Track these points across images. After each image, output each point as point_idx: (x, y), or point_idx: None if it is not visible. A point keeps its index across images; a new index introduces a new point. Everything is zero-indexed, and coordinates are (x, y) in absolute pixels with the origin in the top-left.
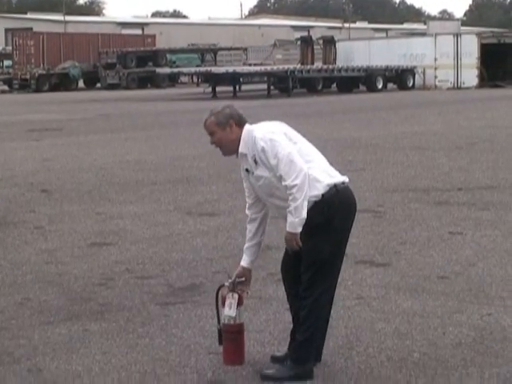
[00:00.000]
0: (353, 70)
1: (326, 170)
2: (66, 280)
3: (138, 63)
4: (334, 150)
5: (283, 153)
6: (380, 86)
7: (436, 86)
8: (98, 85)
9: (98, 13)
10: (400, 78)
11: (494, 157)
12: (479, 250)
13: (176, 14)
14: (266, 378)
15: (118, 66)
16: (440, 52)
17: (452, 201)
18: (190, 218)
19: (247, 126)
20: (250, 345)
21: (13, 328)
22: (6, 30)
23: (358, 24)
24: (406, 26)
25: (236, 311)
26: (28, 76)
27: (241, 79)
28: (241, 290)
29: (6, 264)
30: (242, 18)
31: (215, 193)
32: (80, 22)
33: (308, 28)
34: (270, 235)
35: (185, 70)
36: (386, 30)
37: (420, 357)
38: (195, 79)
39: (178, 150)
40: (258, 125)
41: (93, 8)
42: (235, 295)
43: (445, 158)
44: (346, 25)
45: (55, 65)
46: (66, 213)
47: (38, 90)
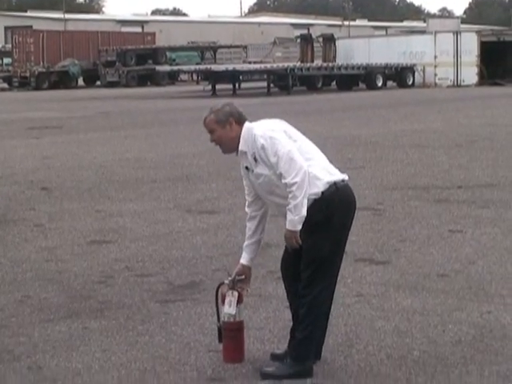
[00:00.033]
0: (352, 67)
1: (325, 167)
2: (66, 278)
3: (138, 61)
4: (333, 148)
5: (283, 150)
6: (380, 83)
7: (436, 84)
8: (98, 83)
9: (98, 11)
10: (400, 75)
11: (493, 155)
12: (479, 247)
13: (176, 12)
14: (265, 376)
15: (117, 63)
16: (440, 50)
17: (452, 199)
18: (189, 216)
19: (247, 124)
20: (250, 342)
21: (13, 326)
22: (6, 28)
23: (358, 22)
24: (405, 23)
25: (236, 309)
26: (28, 74)
27: (240, 77)
28: (240, 287)
29: (6, 262)
30: (241, 16)
31: (215, 191)
32: (80, 20)
33: (308, 26)
34: (269, 233)
35: (184, 67)
36: (385, 28)
37: (420, 355)
38: (195, 77)
39: (178, 148)
40: (258, 123)
41: (92, 6)
42: (235, 293)
43: (444, 155)
44: (346, 23)
45: (55, 63)
46: (66, 211)
47: (38, 87)
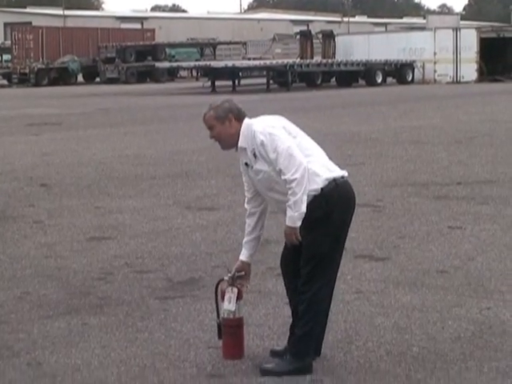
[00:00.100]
0: (352, 64)
1: (325, 164)
2: (66, 274)
3: (137, 57)
4: (333, 145)
5: (282, 147)
6: (379, 80)
7: (435, 80)
8: (97, 79)
9: (97, 7)
10: (399, 72)
11: (493, 151)
12: (478, 244)
13: (175, 8)
14: (265, 372)
15: (117, 60)
16: (439, 46)
17: (451, 195)
18: (189, 213)
19: (246, 120)
20: (250, 339)
21: (12, 322)
22: (5, 24)
23: (358, 18)
24: (405, 20)
25: (235, 305)
26: (27, 70)
27: (240, 73)
28: (240, 284)
29: (6, 258)
30: (241, 12)
31: (214, 187)
32: (79, 17)
33: (307, 22)
34: (269, 229)
35: (184, 64)
36: (385, 25)
37: (419, 351)
38: (194, 73)
39: (178, 145)
40: (258, 119)
41: (92, 2)
42: (234, 289)
43: (444, 152)
44: (346, 19)
45: (54, 59)
46: (66, 207)
47: (37, 84)
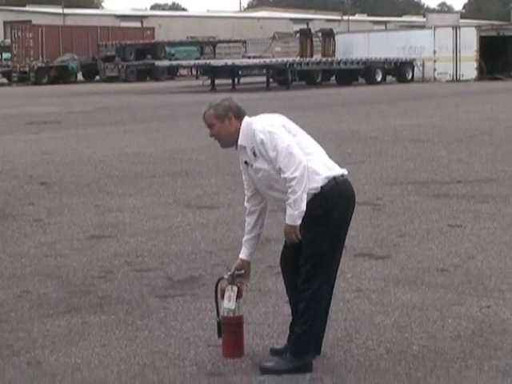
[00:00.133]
0: (352, 62)
1: (325, 162)
2: (65, 273)
3: (137, 56)
4: (333, 143)
5: (282, 145)
6: (379, 78)
7: (435, 79)
8: (97, 77)
9: (97, 5)
10: (399, 70)
11: (493, 149)
12: (478, 242)
13: (175, 7)
14: (265, 371)
15: (116, 58)
16: (439, 45)
17: (451, 193)
18: (189, 211)
19: (246, 119)
20: (249, 337)
21: (12, 321)
22: (5, 23)
23: (357, 16)
24: (405, 18)
25: (235, 304)
26: (27, 69)
27: (240, 72)
28: (240, 282)
29: (5, 257)
30: (240, 11)
31: (214, 185)
32: (79, 15)
33: (307, 21)
34: (269, 228)
35: (184, 62)
36: (385, 23)
37: (419, 349)
38: (194, 72)
39: (177, 143)
40: (257, 117)
41: (92, 1)
42: (234, 288)
43: (444, 150)
44: (345, 17)
45: (54, 57)
46: (65, 205)
47: (37, 82)
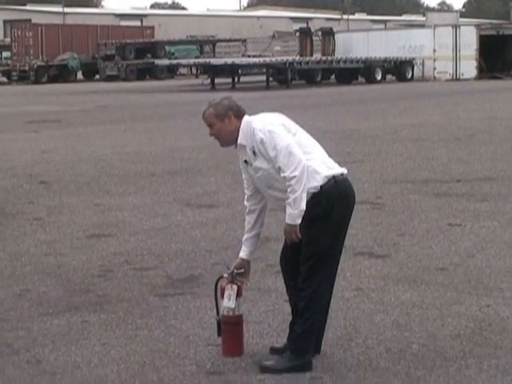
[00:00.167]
0: (351, 61)
1: (324, 161)
2: (65, 271)
3: (137, 55)
4: (332, 142)
5: (282, 144)
6: (379, 77)
7: (435, 78)
8: (97, 76)
9: (97, 4)
10: (399, 69)
11: (492, 148)
12: (478, 241)
13: (175, 6)
14: (265, 370)
15: (116, 57)
16: (439, 43)
17: (451, 192)
18: (188, 210)
19: (246, 118)
20: (249, 336)
21: (12, 319)
22: (5, 22)
23: (357, 15)
24: (404, 17)
25: (235, 302)
26: (27, 67)
27: (239, 71)
28: (240, 281)
29: (5, 255)
30: (240, 10)
31: (214, 184)
32: (79, 14)
33: (307, 19)
34: (268, 226)
35: (183, 61)
36: (384, 22)
37: (419, 348)
38: (194, 71)
39: (177, 142)
40: (257, 116)
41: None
42: (234, 286)
43: (443, 149)
44: (345, 16)
45: (54, 56)
46: (65, 204)
47: (37, 81)
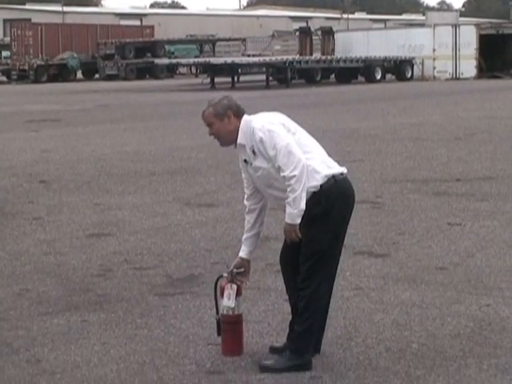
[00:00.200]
0: (351, 60)
1: (324, 160)
2: (65, 271)
3: (137, 54)
4: (332, 141)
5: (281, 144)
6: (378, 76)
7: (434, 77)
8: (97, 76)
9: (97, 4)
10: (398, 68)
11: (492, 148)
12: (478, 240)
13: (174, 5)
14: (264, 369)
15: (116, 56)
16: (438, 43)
17: (450, 191)
18: (188, 209)
19: (245, 117)
20: (249, 335)
21: (11, 319)
22: (5, 21)
23: (357, 15)
24: (404, 16)
25: (235, 302)
26: (26, 67)
27: (239, 70)
28: (239, 280)
29: (5, 255)
30: (240, 9)
31: (214, 184)
32: (78, 13)
33: (307, 19)
34: (268, 226)
35: (183, 60)
36: (384, 21)
37: (419, 347)
38: (194, 70)
39: (177, 141)
40: (257, 115)
41: None
42: (234, 286)
43: (443, 148)
44: (345, 15)
45: (54, 56)
46: (65, 204)
47: (37, 80)
